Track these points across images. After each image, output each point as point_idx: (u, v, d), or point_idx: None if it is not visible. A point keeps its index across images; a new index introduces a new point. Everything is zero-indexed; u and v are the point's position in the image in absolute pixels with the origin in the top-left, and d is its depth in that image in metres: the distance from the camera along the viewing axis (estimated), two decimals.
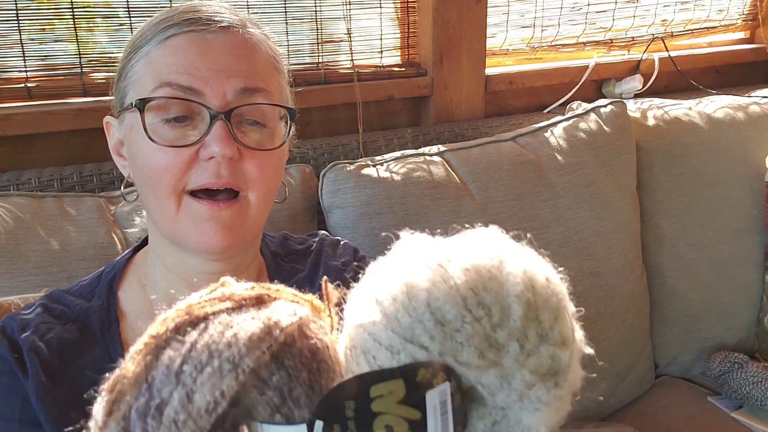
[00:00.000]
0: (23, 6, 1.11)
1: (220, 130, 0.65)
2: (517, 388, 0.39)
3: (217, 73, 0.66)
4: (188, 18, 0.68)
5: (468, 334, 0.38)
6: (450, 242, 0.44)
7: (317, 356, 0.39)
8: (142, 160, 0.68)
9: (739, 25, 1.96)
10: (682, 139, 1.49)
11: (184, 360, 0.36)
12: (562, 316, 0.42)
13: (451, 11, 1.43)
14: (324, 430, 0.37)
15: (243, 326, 0.38)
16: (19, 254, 0.95)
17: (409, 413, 0.38)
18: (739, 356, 1.39)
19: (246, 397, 0.37)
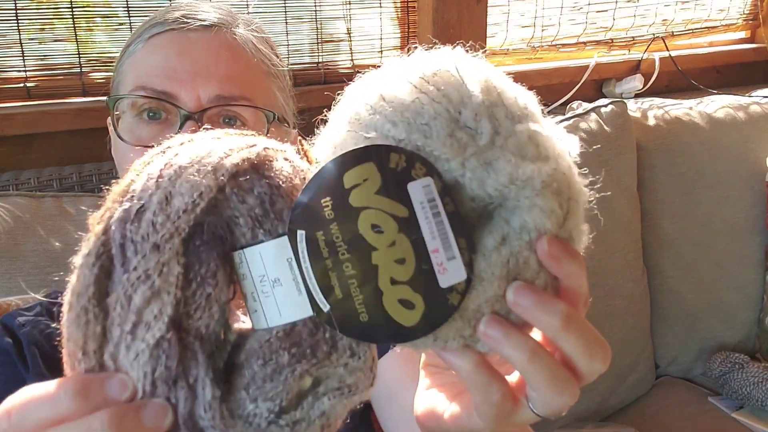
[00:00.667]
0: (22, 5, 1.11)
1: (189, 129, 0.63)
2: (505, 170, 0.35)
3: (194, 75, 0.65)
4: (173, 17, 0.67)
5: (430, 115, 0.36)
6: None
7: (299, 174, 0.38)
8: (118, 159, 0.69)
9: (739, 24, 1.96)
10: (682, 139, 1.49)
11: (165, 167, 0.36)
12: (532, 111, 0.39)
13: (451, 11, 1.43)
14: (307, 239, 0.35)
15: (225, 141, 0.38)
16: (18, 254, 0.95)
17: (393, 208, 0.35)
18: (739, 356, 1.38)
19: (226, 207, 0.36)
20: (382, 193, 0.35)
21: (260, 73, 0.70)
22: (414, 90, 0.37)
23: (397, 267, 0.35)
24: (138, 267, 0.34)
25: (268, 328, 0.37)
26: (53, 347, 0.66)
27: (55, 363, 0.65)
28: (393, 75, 0.38)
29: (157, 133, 0.65)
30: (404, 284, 0.36)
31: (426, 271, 0.35)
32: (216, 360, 0.37)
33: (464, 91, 0.37)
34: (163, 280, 0.34)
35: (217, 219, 0.36)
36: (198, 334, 0.35)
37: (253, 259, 0.37)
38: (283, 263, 0.36)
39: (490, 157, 0.36)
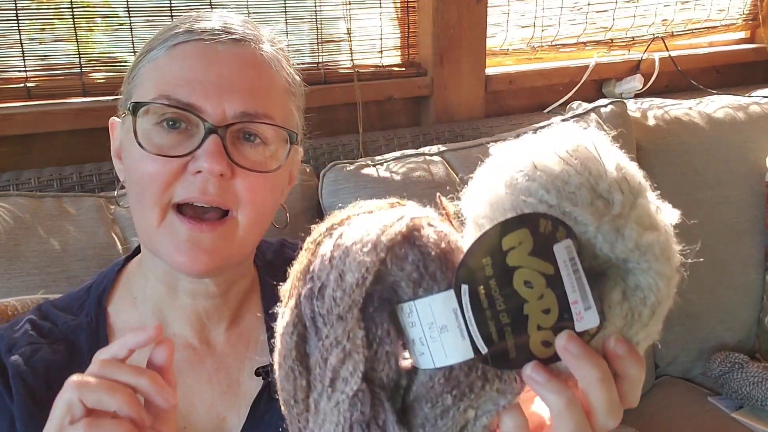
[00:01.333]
0: (23, 6, 1.11)
1: (212, 144, 0.62)
2: (631, 237, 0.42)
3: (220, 88, 0.63)
4: (199, 27, 0.65)
5: (576, 185, 0.42)
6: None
7: (444, 239, 0.45)
8: (131, 165, 0.66)
9: (739, 24, 1.96)
10: (682, 139, 1.49)
11: (334, 248, 0.44)
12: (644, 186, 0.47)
13: (451, 11, 1.43)
14: (470, 292, 0.42)
15: (378, 218, 0.46)
16: (19, 254, 0.95)
17: (542, 266, 0.42)
18: (739, 356, 1.38)
19: (388, 275, 0.43)
20: (534, 254, 0.42)
21: (283, 92, 0.69)
22: (561, 162, 0.43)
23: (543, 316, 0.42)
24: (329, 335, 0.43)
25: (433, 369, 0.44)
26: (38, 378, 0.65)
27: (39, 396, 0.63)
28: (540, 146, 0.45)
29: (176, 142, 0.64)
30: (548, 330, 0.42)
31: (567, 318, 0.42)
32: (395, 402, 0.45)
33: (601, 167, 0.44)
34: (351, 344, 0.42)
35: (383, 286, 0.44)
36: (381, 384, 0.44)
37: (423, 310, 0.43)
38: (449, 313, 0.43)
39: (620, 225, 0.42)
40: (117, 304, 0.72)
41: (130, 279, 0.74)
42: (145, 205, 0.64)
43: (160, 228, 0.64)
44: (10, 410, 0.64)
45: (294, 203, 1.14)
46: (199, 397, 0.70)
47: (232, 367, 0.72)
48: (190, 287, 0.70)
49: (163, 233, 0.64)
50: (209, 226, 0.63)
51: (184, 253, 0.63)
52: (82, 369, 0.66)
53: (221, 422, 0.69)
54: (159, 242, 0.65)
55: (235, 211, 0.65)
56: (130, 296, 0.73)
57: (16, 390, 0.64)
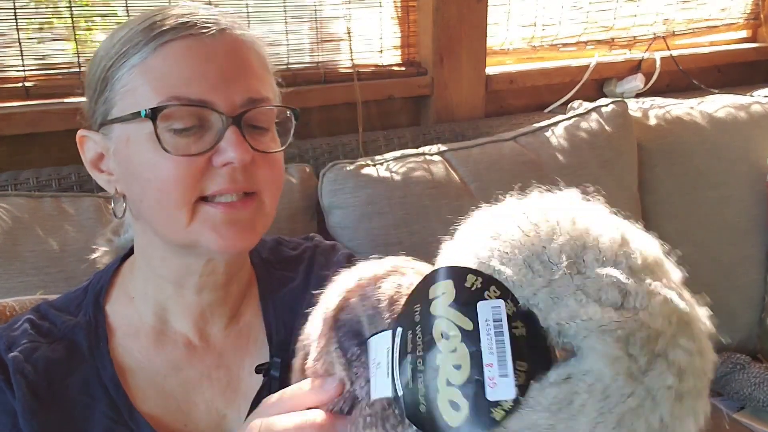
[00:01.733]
0: (21, 5, 1.10)
1: (234, 135, 0.63)
2: (570, 307, 0.38)
3: (223, 80, 0.64)
4: (183, 22, 0.64)
5: (514, 244, 0.41)
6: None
7: (402, 286, 0.49)
8: (148, 173, 0.64)
9: (741, 24, 1.95)
10: (683, 139, 1.49)
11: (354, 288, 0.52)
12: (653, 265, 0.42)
13: (452, 10, 1.42)
14: (401, 335, 0.44)
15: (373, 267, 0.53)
16: (17, 255, 0.95)
17: (461, 321, 0.41)
18: (741, 357, 1.38)
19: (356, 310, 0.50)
20: (453, 306, 0.42)
21: (266, 70, 0.70)
22: (510, 221, 0.43)
23: (453, 371, 0.40)
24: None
25: (369, 399, 0.47)
26: (39, 375, 0.65)
27: (40, 392, 0.64)
28: (506, 209, 0.45)
29: (191, 143, 0.63)
30: (456, 387, 0.40)
31: (477, 381, 0.40)
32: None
33: (555, 229, 0.41)
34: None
35: (352, 317, 0.50)
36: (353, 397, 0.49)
37: (373, 345, 0.48)
38: (384, 351, 0.46)
39: (561, 293, 0.39)
40: (114, 303, 0.73)
41: (125, 279, 0.74)
42: (171, 208, 0.64)
43: (192, 224, 0.64)
44: (13, 406, 0.64)
45: (294, 203, 1.14)
46: (199, 394, 0.70)
47: (232, 364, 0.72)
48: (197, 282, 0.70)
49: (199, 227, 0.64)
50: (242, 203, 0.65)
51: (228, 235, 0.64)
52: (82, 366, 0.67)
53: (221, 420, 0.70)
54: (195, 235, 0.65)
55: (261, 192, 0.67)
56: (127, 296, 0.73)
57: (18, 386, 0.64)
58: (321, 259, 0.81)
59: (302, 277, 0.79)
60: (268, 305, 0.76)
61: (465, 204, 1.22)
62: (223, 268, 0.70)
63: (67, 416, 0.65)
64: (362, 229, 1.14)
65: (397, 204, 1.16)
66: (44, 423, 0.63)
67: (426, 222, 1.16)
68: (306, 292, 0.77)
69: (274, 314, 0.75)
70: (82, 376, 0.67)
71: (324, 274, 0.78)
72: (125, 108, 0.64)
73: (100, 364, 0.68)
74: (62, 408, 0.65)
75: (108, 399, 0.66)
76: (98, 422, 0.65)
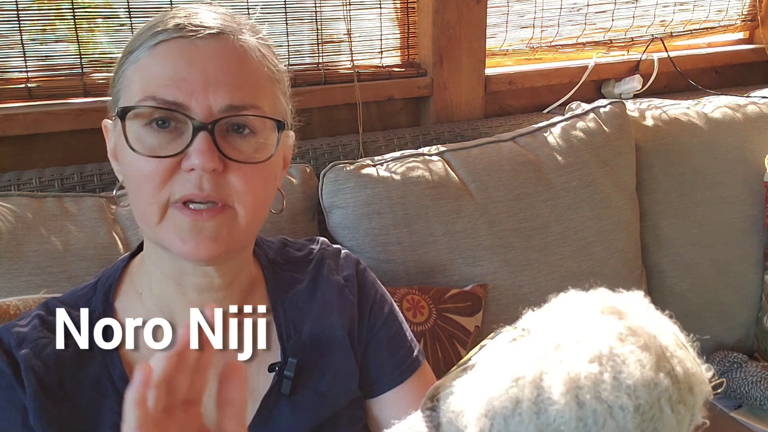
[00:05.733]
0: (24, 6, 1.11)
1: (202, 141, 0.63)
2: None
3: (204, 85, 0.64)
4: (178, 23, 0.66)
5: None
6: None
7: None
8: (126, 168, 0.67)
9: (738, 25, 1.96)
10: (681, 140, 1.49)
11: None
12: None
13: (451, 11, 1.43)
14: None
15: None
16: (20, 254, 0.95)
17: None
18: (738, 356, 1.39)
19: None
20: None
21: (266, 80, 0.69)
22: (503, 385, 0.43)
23: None
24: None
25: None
26: (49, 370, 0.66)
27: (51, 388, 0.65)
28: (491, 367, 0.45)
29: (167, 141, 0.64)
30: None
31: None
32: None
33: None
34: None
35: None
36: None
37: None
38: None
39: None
40: (123, 299, 0.73)
41: (133, 276, 0.75)
42: (144, 204, 0.66)
43: (161, 223, 0.65)
44: (24, 403, 0.64)
45: (294, 203, 1.15)
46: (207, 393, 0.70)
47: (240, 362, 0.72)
48: (196, 282, 0.71)
49: (166, 227, 0.65)
50: (209, 213, 0.65)
51: (189, 241, 0.65)
52: (92, 362, 0.68)
53: None
54: (163, 236, 0.66)
55: (232, 203, 0.66)
56: (135, 292, 0.73)
57: (28, 383, 0.64)
58: (330, 263, 0.81)
59: (309, 280, 0.79)
60: (277, 305, 0.76)
61: (465, 204, 1.23)
62: (213, 270, 0.70)
63: (77, 412, 0.66)
64: (362, 229, 1.15)
65: (396, 204, 1.16)
66: (54, 419, 0.64)
67: (426, 222, 1.17)
68: (313, 295, 0.78)
69: (284, 314, 0.76)
70: (91, 373, 0.67)
71: (334, 279, 0.79)
72: (123, 102, 0.67)
73: (109, 361, 0.68)
74: (72, 404, 0.65)
75: (117, 395, 0.67)
76: (107, 418, 0.66)
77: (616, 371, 0.41)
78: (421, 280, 1.15)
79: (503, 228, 1.23)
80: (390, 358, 0.80)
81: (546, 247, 1.26)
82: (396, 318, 0.83)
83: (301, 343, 0.74)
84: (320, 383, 0.74)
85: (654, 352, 0.42)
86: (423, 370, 0.82)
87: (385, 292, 0.84)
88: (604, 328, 0.43)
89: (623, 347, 0.42)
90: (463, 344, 1.10)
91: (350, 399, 0.77)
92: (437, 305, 1.10)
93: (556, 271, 1.26)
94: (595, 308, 0.45)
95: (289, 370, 0.71)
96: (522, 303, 0.52)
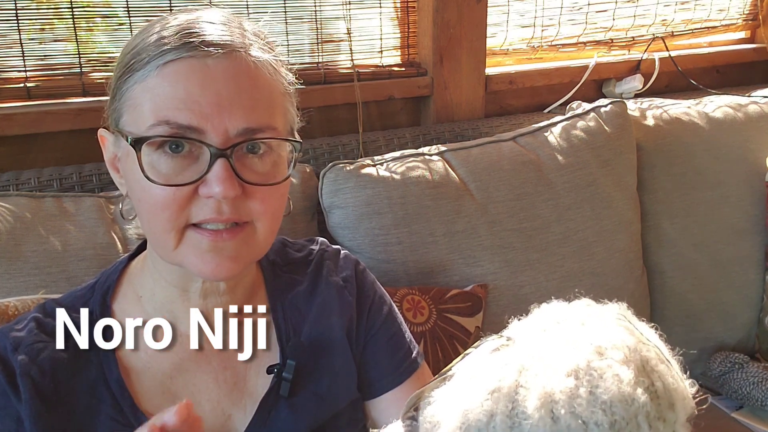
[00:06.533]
0: (22, 6, 1.11)
1: (221, 169, 0.61)
2: None
3: (219, 108, 0.62)
4: (188, 41, 0.63)
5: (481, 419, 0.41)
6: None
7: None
8: (139, 193, 0.65)
9: (739, 24, 1.96)
10: (682, 139, 1.49)
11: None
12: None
13: (451, 11, 1.43)
14: None
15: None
16: (19, 255, 0.95)
17: None
18: (739, 356, 1.38)
19: None
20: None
21: (279, 95, 0.68)
22: (479, 396, 0.43)
23: None
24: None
25: None
26: (45, 376, 0.65)
27: (47, 394, 0.64)
28: (469, 378, 0.45)
29: (183, 167, 0.63)
30: None
31: None
32: None
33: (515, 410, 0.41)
34: None
35: None
36: None
37: None
38: None
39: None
40: (121, 302, 0.72)
41: (133, 278, 0.74)
42: (160, 230, 0.64)
43: (179, 248, 0.64)
44: (17, 411, 0.64)
45: (294, 203, 1.14)
46: (205, 395, 0.70)
47: (239, 365, 0.72)
48: (202, 287, 0.70)
49: (184, 250, 0.64)
50: (229, 233, 0.64)
51: (210, 263, 0.64)
52: (88, 366, 0.67)
53: (227, 420, 0.70)
54: (182, 259, 0.65)
55: (251, 220, 0.66)
56: (135, 295, 0.73)
57: (24, 389, 0.64)
58: (329, 264, 0.81)
59: (309, 282, 0.79)
60: (277, 307, 0.76)
61: (465, 204, 1.22)
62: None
63: (72, 418, 0.65)
64: (362, 229, 1.15)
65: (396, 204, 1.16)
66: (50, 425, 0.63)
67: (426, 222, 1.17)
68: (312, 297, 0.78)
69: (284, 316, 0.75)
70: (87, 378, 0.67)
71: (333, 280, 0.79)
72: (128, 122, 0.64)
73: (105, 365, 0.68)
74: (68, 410, 0.65)
75: (113, 401, 0.66)
76: (103, 424, 0.65)
77: (592, 386, 0.40)
78: (422, 280, 1.15)
79: (504, 228, 1.23)
80: (388, 359, 0.80)
81: (547, 247, 1.26)
82: (395, 319, 0.83)
83: (300, 345, 0.73)
84: (319, 385, 0.74)
85: (633, 367, 0.42)
86: (422, 372, 0.82)
87: (384, 293, 0.84)
88: (584, 340, 0.43)
89: (601, 361, 0.41)
90: (464, 345, 1.09)
91: (350, 400, 0.77)
92: (437, 306, 1.09)
93: (556, 271, 1.26)
94: (577, 320, 0.44)
95: (287, 372, 0.71)
96: (523, 303, 0.52)
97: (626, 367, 0.42)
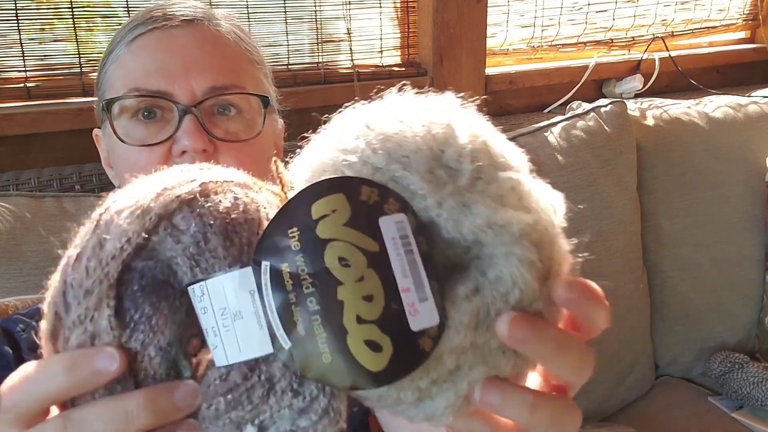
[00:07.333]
0: (22, 6, 1.11)
1: (190, 123, 0.64)
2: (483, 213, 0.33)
3: (185, 70, 0.65)
4: (152, 16, 0.67)
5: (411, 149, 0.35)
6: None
7: (240, 207, 0.36)
8: (120, 165, 0.68)
9: (739, 24, 1.96)
10: (682, 139, 1.49)
11: (104, 212, 0.36)
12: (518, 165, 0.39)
13: (451, 11, 1.43)
14: (271, 271, 0.33)
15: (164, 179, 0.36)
16: (19, 255, 0.95)
17: (363, 241, 0.33)
18: (739, 356, 1.38)
19: (163, 248, 0.35)
20: (351, 225, 0.33)
21: (246, 61, 0.70)
22: (400, 123, 0.36)
23: (364, 304, 0.33)
24: (73, 311, 0.35)
25: (226, 366, 0.35)
26: None
27: None
28: (383, 108, 0.39)
29: (156, 131, 0.66)
30: (372, 323, 0.32)
31: (396, 310, 0.33)
32: None
33: (450, 133, 0.36)
34: (95, 325, 0.34)
35: (155, 262, 0.35)
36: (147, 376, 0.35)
37: (215, 291, 0.35)
38: (245, 295, 0.34)
39: (469, 200, 0.34)
40: None
41: None
42: None
43: None
44: None
45: None
46: None
47: None
48: None
49: None
50: None
51: None
52: None
53: None
54: None
55: None
56: None
57: None
58: None
59: None
60: None
61: None
62: None
63: None
64: None
65: None
66: None
67: None
68: None
69: None
70: None
71: None
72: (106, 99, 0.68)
73: None
74: None
75: None
76: None
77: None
78: None
79: None
80: None
81: None
82: None
83: None
84: None
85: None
86: None
87: None
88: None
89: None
90: None
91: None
92: None
93: None
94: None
95: None
96: None
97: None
